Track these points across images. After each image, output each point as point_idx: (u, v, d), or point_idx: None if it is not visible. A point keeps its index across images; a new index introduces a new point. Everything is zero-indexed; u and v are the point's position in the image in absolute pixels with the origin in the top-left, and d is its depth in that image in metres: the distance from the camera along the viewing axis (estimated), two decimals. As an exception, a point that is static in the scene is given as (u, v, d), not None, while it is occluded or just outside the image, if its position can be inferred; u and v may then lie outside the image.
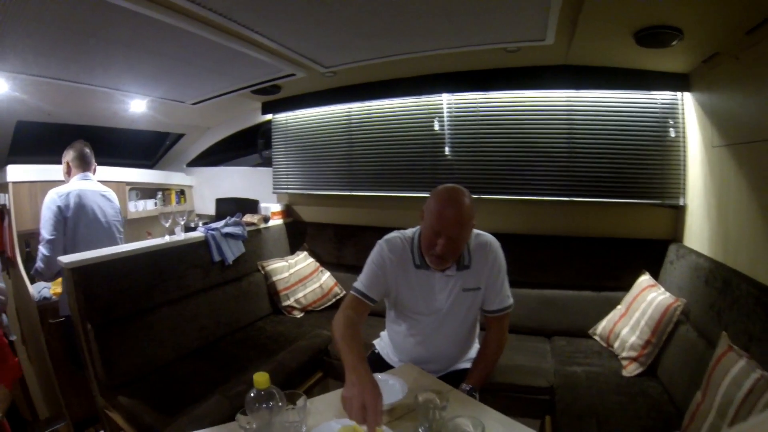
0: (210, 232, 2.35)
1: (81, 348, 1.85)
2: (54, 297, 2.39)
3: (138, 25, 1.56)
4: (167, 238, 2.15)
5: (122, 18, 1.49)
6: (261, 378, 0.89)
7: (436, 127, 2.52)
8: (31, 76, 2.02)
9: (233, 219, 2.52)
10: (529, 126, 2.36)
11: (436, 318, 1.41)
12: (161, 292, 2.09)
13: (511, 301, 1.43)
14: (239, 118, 3.33)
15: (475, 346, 1.57)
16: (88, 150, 2.41)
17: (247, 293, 2.53)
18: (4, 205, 2.73)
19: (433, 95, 2.50)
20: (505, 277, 1.43)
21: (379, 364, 1.55)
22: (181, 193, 3.78)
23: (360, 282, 1.39)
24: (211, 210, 3.53)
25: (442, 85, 2.43)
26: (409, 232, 1.44)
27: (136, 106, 2.64)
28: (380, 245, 1.42)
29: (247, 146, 3.74)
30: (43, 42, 1.68)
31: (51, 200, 2.17)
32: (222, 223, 2.46)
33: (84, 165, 2.37)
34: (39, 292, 2.39)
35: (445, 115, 2.50)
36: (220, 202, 3.40)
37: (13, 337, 2.15)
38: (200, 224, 2.36)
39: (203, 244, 2.34)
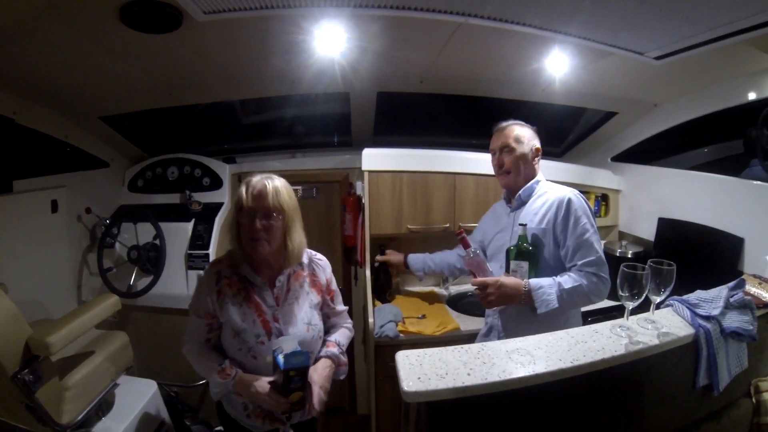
0: (702, 324, 1.09)
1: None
2: (401, 336, 1.81)
3: None
4: (614, 347, 1.02)
5: None
6: None
7: None
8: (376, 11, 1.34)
9: (737, 293, 1.18)
10: None
11: None
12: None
13: None
14: (717, 88, 1.91)
15: None
16: None
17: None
18: (360, 197, 2.36)
19: None
20: None
21: None
22: (602, 198, 2.51)
23: None
24: (644, 231, 2.27)
25: None
26: None
27: (556, 64, 1.71)
28: None
29: (696, 133, 2.17)
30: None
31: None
32: (721, 302, 1.13)
33: None
34: (381, 326, 1.84)
35: None
36: (665, 225, 2.12)
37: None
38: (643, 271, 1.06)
39: (687, 352, 1.09)
